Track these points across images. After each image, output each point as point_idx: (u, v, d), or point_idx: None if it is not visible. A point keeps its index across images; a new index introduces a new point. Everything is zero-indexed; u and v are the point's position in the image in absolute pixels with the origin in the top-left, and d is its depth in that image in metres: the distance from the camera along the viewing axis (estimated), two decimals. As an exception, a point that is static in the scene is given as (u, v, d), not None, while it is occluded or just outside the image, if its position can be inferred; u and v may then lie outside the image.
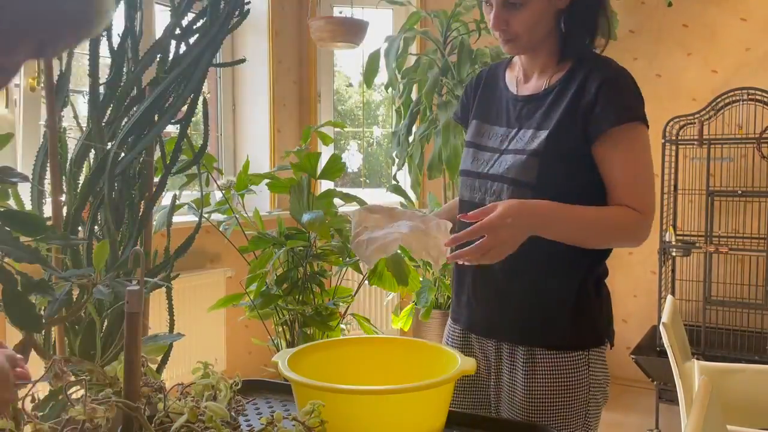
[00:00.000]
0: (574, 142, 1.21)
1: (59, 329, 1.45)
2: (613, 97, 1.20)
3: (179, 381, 0.93)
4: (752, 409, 2.01)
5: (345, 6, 3.78)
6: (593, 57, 1.29)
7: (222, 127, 3.71)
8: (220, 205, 2.70)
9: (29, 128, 2.57)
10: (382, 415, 0.94)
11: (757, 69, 3.40)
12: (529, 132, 1.26)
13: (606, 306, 1.30)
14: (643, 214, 1.20)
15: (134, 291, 0.78)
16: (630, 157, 1.21)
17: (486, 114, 1.37)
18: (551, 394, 1.23)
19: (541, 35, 1.26)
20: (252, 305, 2.62)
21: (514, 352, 1.27)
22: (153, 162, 1.59)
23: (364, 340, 1.24)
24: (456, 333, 1.40)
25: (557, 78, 1.27)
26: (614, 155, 1.21)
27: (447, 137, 2.93)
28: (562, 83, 1.25)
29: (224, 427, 0.81)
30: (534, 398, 1.24)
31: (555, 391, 1.23)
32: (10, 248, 0.77)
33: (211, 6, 1.53)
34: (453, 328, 1.41)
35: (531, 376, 1.24)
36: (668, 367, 1.96)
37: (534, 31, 1.24)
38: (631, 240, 1.22)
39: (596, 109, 1.20)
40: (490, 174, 1.28)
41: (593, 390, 1.26)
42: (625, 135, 1.20)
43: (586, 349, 1.24)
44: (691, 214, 3.45)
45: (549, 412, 1.23)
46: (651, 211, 1.21)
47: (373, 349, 1.18)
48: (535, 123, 1.25)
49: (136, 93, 1.55)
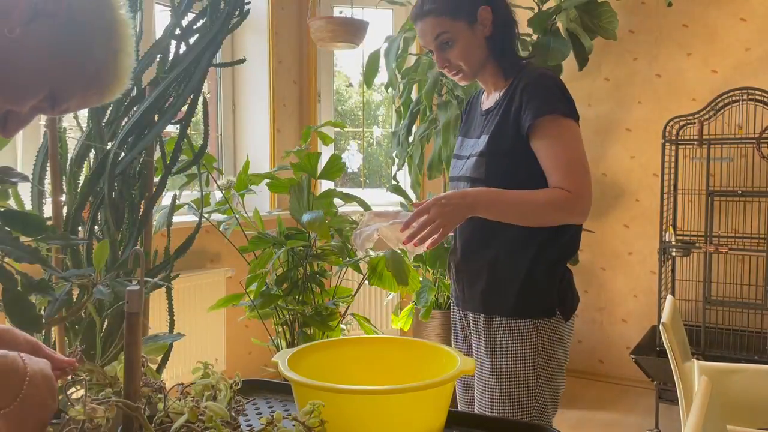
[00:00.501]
0: (510, 140, 1.44)
1: (59, 329, 1.45)
2: (533, 95, 1.41)
3: (179, 381, 0.93)
4: (752, 409, 2.01)
5: (345, 6, 3.79)
6: (527, 68, 1.51)
7: (222, 127, 3.71)
8: (220, 205, 2.71)
9: (29, 128, 2.57)
10: (382, 415, 0.94)
11: (757, 69, 3.40)
12: (482, 138, 1.51)
13: (562, 285, 1.48)
14: (573, 192, 1.38)
15: (134, 291, 0.78)
16: (557, 144, 1.41)
17: (466, 130, 1.64)
18: (506, 358, 1.45)
19: (479, 62, 1.50)
20: (252, 305, 2.63)
21: (478, 321, 1.51)
22: (153, 162, 1.59)
23: (364, 340, 1.24)
24: (455, 311, 1.65)
25: (503, 91, 1.51)
26: (543, 145, 1.41)
27: (447, 137, 2.93)
28: (505, 95, 1.49)
29: (224, 427, 0.81)
30: (495, 361, 1.46)
31: (509, 354, 1.45)
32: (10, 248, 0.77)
33: (211, 6, 1.53)
34: (453, 308, 1.66)
35: (490, 340, 1.47)
36: (668, 367, 1.96)
37: (470, 61, 1.49)
38: (565, 215, 1.41)
39: (522, 108, 1.42)
40: (460, 176, 1.54)
41: (545, 359, 1.45)
42: (550, 126, 1.40)
43: (534, 318, 1.44)
44: (691, 214, 3.45)
45: (507, 373, 1.45)
46: (582, 190, 1.39)
47: (373, 349, 1.18)
48: (487, 130, 1.50)
49: (136, 93, 1.55)
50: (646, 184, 3.71)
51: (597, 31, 3.43)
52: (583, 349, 3.92)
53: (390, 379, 1.11)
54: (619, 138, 3.77)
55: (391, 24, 4.06)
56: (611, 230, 3.82)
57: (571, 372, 3.96)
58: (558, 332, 1.47)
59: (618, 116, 3.76)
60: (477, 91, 1.69)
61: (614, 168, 3.79)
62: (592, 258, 3.87)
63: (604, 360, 3.87)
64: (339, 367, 1.13)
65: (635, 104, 3.72)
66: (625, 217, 3.78)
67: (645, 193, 3.72)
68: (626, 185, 3.77)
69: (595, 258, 3.87)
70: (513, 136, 1.43)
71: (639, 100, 3.70)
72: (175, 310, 1.69)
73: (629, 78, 3.72)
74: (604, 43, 3.72)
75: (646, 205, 3.72)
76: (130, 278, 1.47)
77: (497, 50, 1.50)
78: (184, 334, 1.51)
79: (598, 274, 3.87)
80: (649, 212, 3.71)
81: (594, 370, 3.90)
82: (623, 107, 3.75)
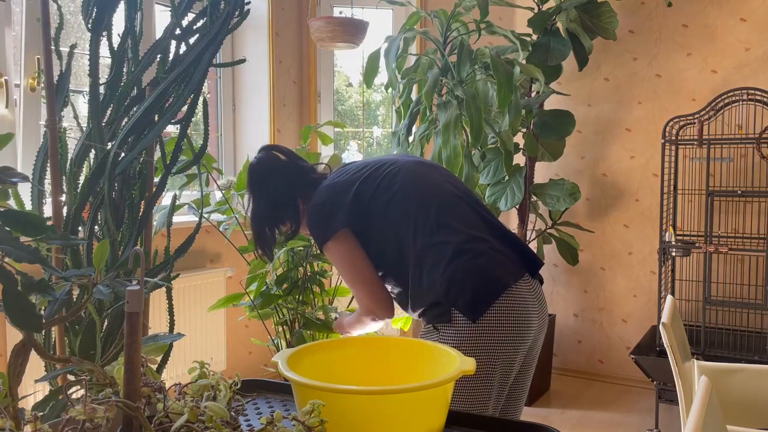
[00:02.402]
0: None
1: (59, 329, 1.45)
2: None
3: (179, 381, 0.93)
4: (752, 409, 2.01)
5: (345, 6, 3.79)
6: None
7: (222, 127, 3.71)
8: (220, 205, 2.70)
9: (29, 128, 2.57)
10: (382, 415, 0.94)
11: (757, 69, 3.40)
12: None
13: (451, 287, 1.52)
14: (361, 311, 1.66)
15: (134, 291, 0.78)
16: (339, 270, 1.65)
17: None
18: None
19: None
20: (252, 305, 2.63)
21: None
22: (153, 162, 1.59)
23: (363, 340, 1.24)
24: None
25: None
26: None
27: (447, 137, 2.93)
28: None
29: (224, 427, 0.81)
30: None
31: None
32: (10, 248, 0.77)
33: (211, 6, 1.53)
34: None
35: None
36: (668, 367, 1.96)
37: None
38: (370, 325, 1.71)
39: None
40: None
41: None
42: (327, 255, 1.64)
43: (435, 324, 1.55)
44: (691, 214, 3.46)
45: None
46: (363, 309, 1.65)
47: (373, 349, 1.18)
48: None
49: (136, 93, 1.55)
50: (646, 184, 3.71)
51: (597, 31, 3.43)
52: (583, 349, 3.92)
53: (390, 379, 1.11)
54: (619, 138, 3.77)
55: (391, 24, 4.06)
56: (611, 230, 3.82)
57: (571, 372, 3.96)
58: (467, 335, 1.49)
59: (618, 116, 3.76)
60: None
61: (614, 168, 3.79)
62: (591, 258, 3.87)
63: (604, 360, 3.87)
64: (339, 367, 1.13)
65: (635, 104, 3.72)
66: (625, 217, 3.78)
67: (645, 193, 3.72)
68: (626, 185, 3.77)
69: (595, 258, 3.87)
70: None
71: (639, 100, 3.70)
72: (175, 310, 1.69)
73: (629, 78, 3.72)
74: (604, 43, 3.73)
75: (646, 205, 3.72)
76: (130, 278, 1.47)
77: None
78: (184, 334, 1.51)
79: (597, 274, 3.87)
80: (649, 212, 3.71)
81: (594, 370, 3.90)
82: (623, 107, 3.75)
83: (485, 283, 1.50)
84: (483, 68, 3.17)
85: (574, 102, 3.84)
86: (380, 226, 1.58)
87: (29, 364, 0.89)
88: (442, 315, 1.52)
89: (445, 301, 1.51)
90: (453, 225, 1.55)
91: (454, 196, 1.61)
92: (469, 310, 1.49)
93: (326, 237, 1.59)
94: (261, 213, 1.71)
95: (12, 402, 0.82)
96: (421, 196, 1.58)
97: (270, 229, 1.72)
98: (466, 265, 1.51)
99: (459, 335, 1.50)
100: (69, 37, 2.93)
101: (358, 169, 1.66)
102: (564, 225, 3.64)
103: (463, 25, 3.31)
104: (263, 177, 1.71)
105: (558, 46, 3.31)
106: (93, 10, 1.49)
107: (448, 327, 1.51)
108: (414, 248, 1.54)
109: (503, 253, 1.56)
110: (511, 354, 1.52)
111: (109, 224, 1.49)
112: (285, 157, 1.75)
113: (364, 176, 1.62)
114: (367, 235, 1.60)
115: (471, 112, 2.87)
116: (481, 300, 1.49)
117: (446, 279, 1.51)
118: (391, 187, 1.59)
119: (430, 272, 1.52)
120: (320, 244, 1.61)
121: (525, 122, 3.44)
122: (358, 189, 1.60)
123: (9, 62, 2.48)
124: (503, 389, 1.55)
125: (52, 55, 1.49)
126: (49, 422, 0.81)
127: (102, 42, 1.52)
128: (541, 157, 3.52)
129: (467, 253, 1.52)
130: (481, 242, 1.55)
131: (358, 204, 1.59)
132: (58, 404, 1.37)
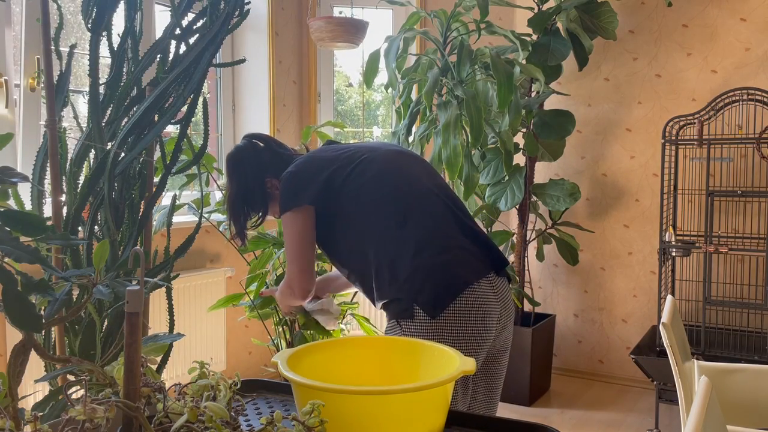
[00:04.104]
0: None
1: (59, 329, 1.45)
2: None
3: (179, 381, 0.93)
4: (752, 409, 2.01)
5: (345, 6, 3.79)
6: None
7: (222, 127, 3.71)
8: (220, 205, 2.71)
9: (29, 128, 2.57)
10: (382, 415, 0.94)
11: (757, 69, 3.40)
12: None
13: (413, 283, 1.52)
14: (285, 282, 1.69)
15: (134, 291, 0.78)
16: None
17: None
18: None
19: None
20: (252, 305, 2.63)
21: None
22: (153, 162, 1.59)
23: (364, 340, 1.24)
24: None
25: None
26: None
27: (447, 137, 2.93)
28: None
29: (224, 427, 0.81)
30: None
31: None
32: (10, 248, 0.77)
33: (211, 6, 1.53)
34: None
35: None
36: (668, 367, 1.96)
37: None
38: (290, 299, 1.72)
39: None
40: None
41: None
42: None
43: (397, 319, 1.56)
44: (691, 214, 3.46)
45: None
46: (286, 280, 1.68)
47: (373, 349, 1.18)
48: None
49: (136, 93, 1.55)
50: (646, 184, 3.71)
51: (597, 31, 3.43)
52: (583, 349, 3.92)
53: (390, 379, 1.11)
54: (619, 138, 3.77)
55: (391, 24, 4.06)
56: (611, 230, 3.82)
57: (571, 372, 3.96)
58: (428, 332, 1.50)
59: (618, 116, 3.76)
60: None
61: (614, 168, 3.79)
62: (591, 258, 3.87)
63: (604, 360, 3.87)
64: (339, 367, 1.13)
65: (635, 104, 3.72)
66: (625, 217, 3.78)
67: (645, 193, 3.72)
68: (626, 185, 3.77)
69: (595, 258, 3.87)
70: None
71: (639, 100, 3.70)
72: (175, 310, 1.69)
73: (629, 78, 3.72)
74: (604, 43, 3.73)
75: (646, 205, 3.72)
76: (130, 278, 1.47)
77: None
78: (184, 334, 1.51)
79: (597, 274, 3.87)
80: (649, 212, 3.71)
81: (594, 370, 3.90)
82: (623, 107, 3.75)
83: (446, 281, 1.51)
84: (483, 68, 3.17)
85: (574, 102, 3.84)
86: (348, 211, 1.58)
87: (29, 364, 0.89)
88: (405, 311, 1.52)
89: (407, 297, 1.51)
90: (421, 219, 1.55)
91: (428, 190, 1.61)
92: (430, 306, 1.49)
93: (288, 206, 1.60)
94: (232, 197, 1.75)
95: (12, 402, 0.82)
96: (392, 188, 1.58)
97: (241, 212, 1.76)
98: (429, 261, 1.51)
99: (420, 331, 1.51)
100: (69, 37, 2.93)
101: (337, 150, 1.67)
102: (564, 225, 3.64)
103: (463, 25, 3.31)
104: (236, 163, 1.75)
105: (558, 46, 3.31)
106: (93, 10, 1.49)
107: (410, 323, 1.52)
108: (379, 239, 1.54)
109: (469, 251, 1.56)
110: (473, 351, 1.52)
111: (109, 224, 1.49)
112: (263, 144, 1.77)
113: (342, 161, 1.62)
114: (330, 218, 1.61)
115: (471, 112, 2.87)
116: (441, 297, 1.50)
117: (409, 274, 1.51)
118: (365, 173, 1.59)
119: (393, 265, 1.53)
120: (281, 211, 1.63)
121: (525, 122, 3.44)
122: (333, 171, 1.60)
123: (9, 62, 2.48)
124: (467, 385, 1.56)
125: (52, 55, 1.49)
126: (49, 422, 0.81)
127: (102, 42, 1.52)
128: (541, 157, 3.52)
129: (431, 249, 1.52)
130: (448, 239, 1.55)
131: (330, 185, 1.59)
132: (58, 404, 1.37)
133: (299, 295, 1.68)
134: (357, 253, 1.59)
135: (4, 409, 0.81)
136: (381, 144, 1.71)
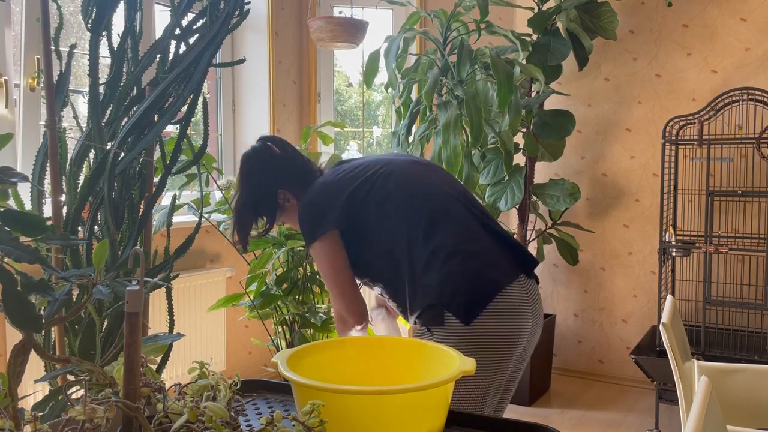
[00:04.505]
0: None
1: (59, 329, 1.45)
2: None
3: (179, 381, 0.93)
4: (752, 409, 2.01)
5: (345, 6, 3.79)
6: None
7: (222, 127, 3.71)
8: (220, 205, 2.70)
9: (29, 128, 2.57)
10: (382, 415, 0.94)
11: (757, 69, 3.40)
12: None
13: (443, 289, 1.50)
14: (336, 317, 1.66)
15: (134, 291, 0.78)
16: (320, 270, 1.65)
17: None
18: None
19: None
20: (252, 305, 2.63)
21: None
22: (153, 162, 1.59)
23: (363, 340, 1.24)
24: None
25: None
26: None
27: (447, 137, 2.93)
28: None
29: (224, 427, 0.81)
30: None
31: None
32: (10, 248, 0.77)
33: (211, 6, 1.53)
34: None
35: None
36: (668, 367, 1.96)
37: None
38: (345, 331, 1.67)
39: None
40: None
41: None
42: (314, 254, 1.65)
43: (428, 327, 1.54)
44: (691, 214, 3.46)
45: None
46: (335, 313, 1.66)
47: (373, 349, 1.18)
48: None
49: (136, 93, 1.55)
50: (646, 184, 3.71)
51: (597, 31, 3.43)
52: (583, 349, 3.92)
53: (390, 379, 1.11)
54: (619, 138, 3.77)
55: (391, 24, 4.06)
56: (611, 230, 3.82)
57: (571, 372, 3.96)
58: (461, 338, 1.48)
59: (618, 116, 3.76)
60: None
61: (614, 168, 3.79)
62: (591, 258, 3.87)
63: (604, 360, 3.87)
64: (339, 367, 1.13)
65: (635, 104, 3.72)
66: (625, 217, 3.78)
67: (645, 193, 3.72)
68: (626, 185, 3.77)
69: (595, 258, 3.87)
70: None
71: (639, 100, 3.70)
72: (175, 310, 1.69)
73: (629, 78, 3.72)
74: (604, 43, 3.73)
75: (646, 205, 3.72)
76: (130, 278, 1.47)
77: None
78: (184, 334, 1.51)
79: (597, 274, 3.87)
80: (649, 212, 3.71)
81: (594, 370, 3.90)
82: (623, 107, 3.75)
83: (478, 286, 1.49)
84: (483, 68, 3.17)
85: (574, 102, 3.84)
86: (372, 228, 1.57)
87: (29, 364, 0.89)
88: (436, 317, 1.50)
89: (438, 303, 1.49)
90: (447, 226, 1.53)
91: (449, 196, 1.59)
92: (463, 313, 1.47)
93: (314, 236, 1.59)
94: (241, 203, 1.72)
95: (12, 402, 0.82)
96: (415, 197, 1.56)
97: (249, 220, 1.73)
98: (459, 267, 1.49)
99: (453, 338, 1.49)
100: (69, 37, 2.93)
101: (352, 169, 1.64)
102: (564, 225, 3.64)
103: (463, 25, 3.31)
104: (250, 169, 1.72)
105: (558, 46, 3.31)
106: (93, 10, 1.49)
107: (441, 330, 1.50)
108: (407, 250, 1.53)
109: (498, 255, 1.54)
110: (506, 355, 1.51)
111: (108, 224, 1.49)
112: (279, 150, 1.73)
113: (359, 177, 1.60)
114: (357, 236, 1.59)
115: (471, 112, 2.87)
116: (474, 303, 1.48)
117: (439, 281, 1.49)
118: (385, 188, 1.57)
119: (424, 275, 1.51)
120: (308, 243, 1.62)
121: (525, 122, 3.44)
122: (353, 190, 1.58)
123: (9, 62, 2.48)
124: (499, 390, 1.55)
125: (51, 55, 1.49)
126: (48, 422, 0.81)
127: (102, 42, 1.52)
128: (541, 157, 3.52)
129: (460, 255, 1.50)
130: (475, 243, 1.53)
131: (351, 205, 1.57)
132: (57, 404, 1.37)
133: (355, 322, 1.62)
134: (388, 267, 1.58)
135: (4, 409, 0.81)
136: (394, 156, 1.70)
